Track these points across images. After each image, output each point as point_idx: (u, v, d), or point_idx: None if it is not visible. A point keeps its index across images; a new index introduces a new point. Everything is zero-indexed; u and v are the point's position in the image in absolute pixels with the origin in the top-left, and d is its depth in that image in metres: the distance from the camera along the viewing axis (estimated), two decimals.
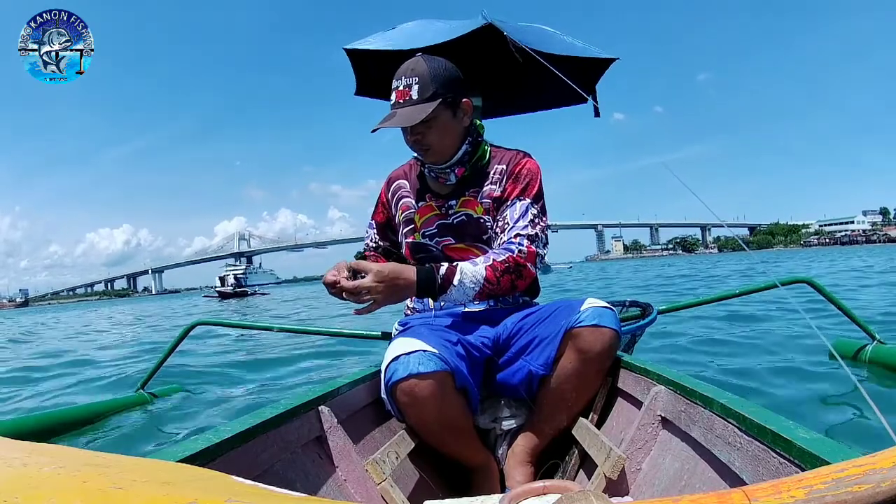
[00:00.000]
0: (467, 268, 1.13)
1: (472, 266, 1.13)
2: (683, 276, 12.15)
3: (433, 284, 1.11)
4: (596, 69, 1.78)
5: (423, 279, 1.11)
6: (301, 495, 0.37)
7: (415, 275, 1.10)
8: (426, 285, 1.11)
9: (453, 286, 1.12)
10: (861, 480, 0.30)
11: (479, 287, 1.13)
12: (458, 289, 1.12)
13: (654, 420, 0.95)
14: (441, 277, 1.11)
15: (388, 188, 1.39)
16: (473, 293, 1.13)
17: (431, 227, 1.29)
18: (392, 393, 1.03)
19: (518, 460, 1.16)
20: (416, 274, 1.11)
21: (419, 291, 1.11)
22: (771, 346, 3.62)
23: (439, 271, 1.12)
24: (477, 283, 1.12)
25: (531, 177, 1.24)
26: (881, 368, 2.48)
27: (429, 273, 1.11)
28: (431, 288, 1.11)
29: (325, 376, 3.52)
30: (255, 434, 0.78)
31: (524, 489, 0.64)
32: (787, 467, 0.58)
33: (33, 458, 0.38)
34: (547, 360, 1.11)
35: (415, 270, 1.11)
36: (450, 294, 1.12)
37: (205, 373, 3.89)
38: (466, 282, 1.12)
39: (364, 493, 0.95)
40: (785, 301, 5.19)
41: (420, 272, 1.11)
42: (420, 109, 1.14)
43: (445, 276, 1.11)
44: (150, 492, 0.32)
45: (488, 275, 1.13)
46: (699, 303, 2.49)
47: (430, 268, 1.13)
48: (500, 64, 1.74)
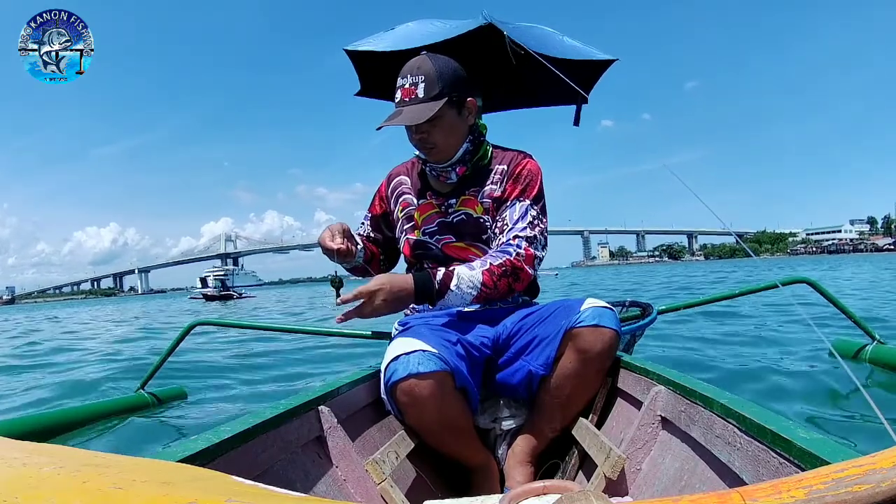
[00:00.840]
0: (464, 273, 1.12)
1: (469, 270, 1.13)
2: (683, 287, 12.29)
3: (431, 290, 1.11)
4: (595, 70, 1.78)
5: (420, 285, 1.10)
6: (301, 495, 0.37)
7: (412, 282, 1.10)
8: (423, 290, 1.11)
9: (451, 291, 1.11)
10: (861, 480, 0.30)
11: (476, 292, 1.12)
12: (456, 293, 1.12)
13: (653, 420, 0.95)
14: (438, 283, 1.11)
15: (389, 183, 1.39)
16: (471, 297, 1.13)
17: (432, 225, 1.29)
18: (392, 393, 1.03)
19: (518, 460, 1.16)
20: (413, 281, 1.10)
21: (417, 297, 1.11)
22: (770, 346, 3.62)
23: (436, 277, 1.12)
24: (474, 288, 1.12)
25: (531, 177, 1.23)
26: (881, 368, 2.48)
27: (426, 279, 1.11)
28: (429, 294, 1.11)
29: (325, 377, 3.52)
30: (255, 434, 0.78)
31: (524, 489, 0.64)
32: (786, 467, 0.58)
33: (33, 458, 0.38)
34: (547, 360, 1.11)
35: (411, 278, 1.11)
36: (447, 299, 1.12)
37: (205, 373, 3.89)
38: (464, 286, 1.12)
39: (364, 493, 0.95)
40: (785, 301, 5.20)
41: (417, 279, 1.11)
42: (426, 108, 1.14)
43: (442, 282, 1.11)
44: (149, 492, 0.32)
45: (485, 279, 1.12)
46: (699, 303, 2.49)
47: (426, 274, 1.12)
48: (500, 62, 1.74)
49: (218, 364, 4.30)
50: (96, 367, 4.50)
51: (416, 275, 1.12)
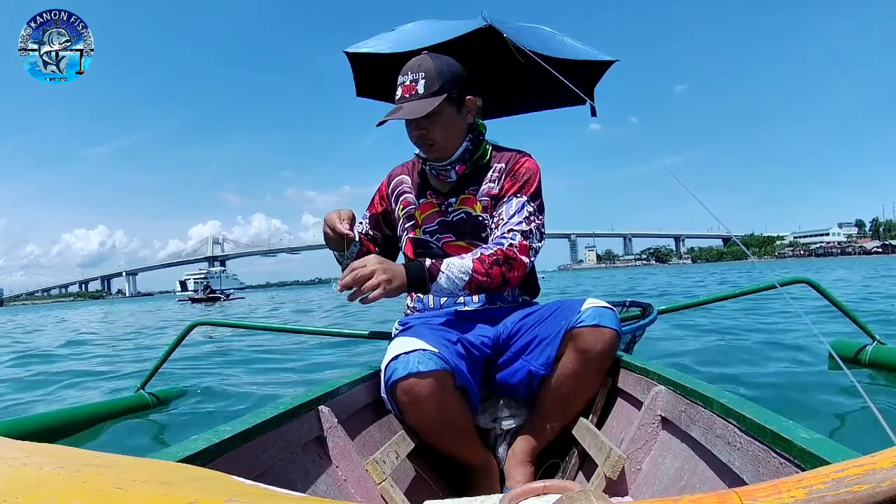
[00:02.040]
0: (455, 260, 1.13)
1: (460, 259, 1.13)
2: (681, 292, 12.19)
3: (422, 274, 1.10)
4: (595, 71, 1.78)
5: (412, 269, 1.10)
6: (301, 495, 0.37)
7: (404, 268, 1.10)
8: (415, 275, 1.10)
9: (441, 273, 1.11)
10: (861, 480, 0.30)
11: (468, 276, 1.11)
12: (446, 277, 1.11)
13: (654, 420, 0.95)
14: (428, 267, 1.11)
15: (389, 183, 1.39)
16: (463, 283, 1.12)
17: (432, 224, 1.29)
18: (392, 392, 1.03)
19: (518, 460, 1.16)
20: (405, 268, 1.10)
21: (410, 284, 1.10)
22: (770, 346, 3.62)
23: (426, 263, 1.12)
24: (465, 273, 1.11)
25: (529, 175, 1.24)
26: (881, 369, 2.48)
27: (416, 265, 1.12)
28: (421, 278, 1.10)
29: (325, 375, 3.52)
30: (255, 434, 0.78)
31: (524, 489, 0.64)
32: (787, 467, 0.58)
33: (33, 458, 0.38)
34: (547, 360, 1.11)
35: (403, 265, 1.11)
36: (439, 283, 1.11)
37: (205, 373, 3.89)
38: (454, 270, 1.11)
39: (364, 493, 0.95)
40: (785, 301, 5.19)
41: (408, 266, 1.11)
42: (426, 103, 1.15)
43: (432, 266, 1.11)
44: (150, 492, 0.32)
45: (475, 266, 1.12)
46: (699, 303, 2.49)
47: (417, 262, 1.13)
48: (500, 65, 1.74)
49: (218, 364, 4.30)
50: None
51: (407, 263, 1.14)
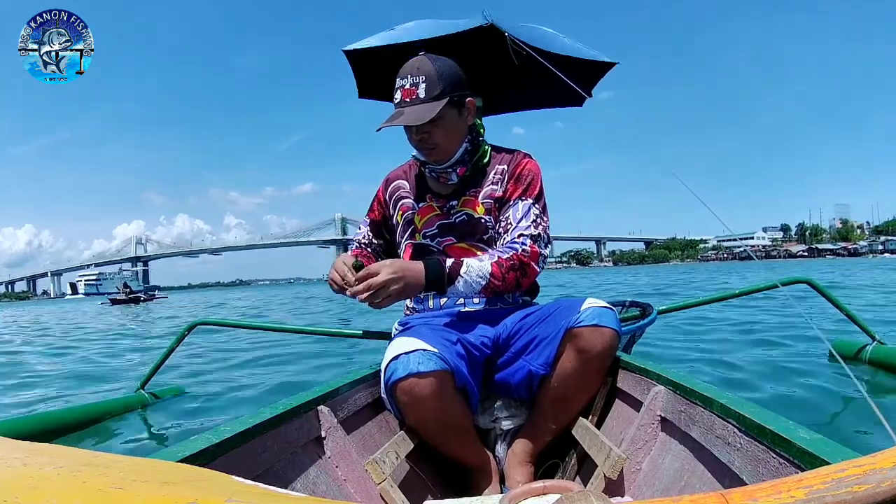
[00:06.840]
0: (473, 262, 1.13)
1: (479, 262, 1.14)
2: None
3: (442, 276, 1.11)
4: (595, 71, 1.78)
5: (432, 271, 1.11)
6: (301, 495, 0.37)
7: (423, 267, 1.11)
8: (434, 277, 1.11)
9: (461, 277, 1.12)
10: (861, 480, 0.30)
11: (485, 281, 1.13)
12: (465, 280, 1.12)
13: (653, 420, 0.95)
14: (449, 269, 1.12)
15: (386, 188, 1.38)
16: (480, 287, 1.13)
17: (432, 228, 1.29)
18: (392, 392, 1.03)
19: (518, 460, 1.16)
20: (424, 267, 1.11)
21: (428, 284, 1.11)
22: (770, 346, 3.62)
23: (446, 263, 1.12)
24: (483, 278, 1.13)
25: (532, 177, 1.24)
26: (881, 368, 2.48)
27: (436, 265, 1.12)
28: (440, 279, 1.11)
29: (325, 375, 3.52)
30: (255, 434, 0.78)
31: (524, 489, 0.64)
32: (786, 467, 0.58)
33: (33, 458, 0.38)
34: (547, 360, 1.11)
35: (422, 265, 1.11)
36: (457, 286, 1.12)
37: (205, 372, 3.89)
38: (473, 274, 1.12)
39: (364, 493, 0.95)
40: (785, 301, 5.19)
41: (428, 265, 1.11)
42: (428, 108, 1.14)
43: (452, 268, 1.12)
44: (150, 492, 0.32)
45: (494, 270, 1.13)
46: (699, 303, 2.49)
47: (437, 260, 1.13)
48: (498, 63, 1.74)
49: (218, 364, 4.29)
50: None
51: (427, 261, 1.12)
